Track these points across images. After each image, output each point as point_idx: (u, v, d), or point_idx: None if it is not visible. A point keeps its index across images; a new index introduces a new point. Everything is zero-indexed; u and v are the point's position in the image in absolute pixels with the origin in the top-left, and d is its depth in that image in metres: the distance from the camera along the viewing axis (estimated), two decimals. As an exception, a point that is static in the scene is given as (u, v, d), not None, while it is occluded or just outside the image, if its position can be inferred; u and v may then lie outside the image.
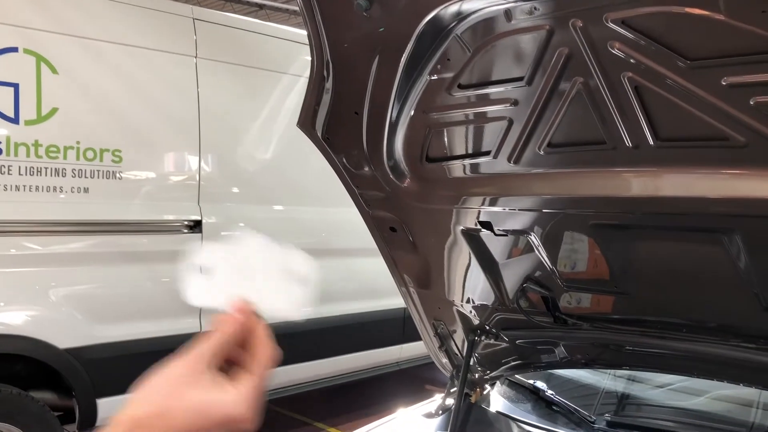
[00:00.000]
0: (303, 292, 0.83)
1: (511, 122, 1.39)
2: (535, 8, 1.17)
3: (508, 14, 1.21)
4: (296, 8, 3.95)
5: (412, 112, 1.51)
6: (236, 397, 0.76)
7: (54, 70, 3.51)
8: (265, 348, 0.80)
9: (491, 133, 1.46)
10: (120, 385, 3.89)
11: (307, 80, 1.57)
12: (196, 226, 4.08)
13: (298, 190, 4.74)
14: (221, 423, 0.76)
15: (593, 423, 1.92)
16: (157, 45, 3.94)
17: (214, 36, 4.22)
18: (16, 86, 3.40)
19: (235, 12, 10.85)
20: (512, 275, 1.79)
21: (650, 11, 1.07)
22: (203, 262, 0.84)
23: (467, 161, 1.56)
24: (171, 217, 4.04)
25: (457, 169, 1.59)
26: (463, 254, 1.82)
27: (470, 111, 1.46)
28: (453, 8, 1.24)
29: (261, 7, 11.78)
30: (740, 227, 1.26)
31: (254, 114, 4.50)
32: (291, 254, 0.84)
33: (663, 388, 2.14)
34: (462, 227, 1.72)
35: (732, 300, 1.44)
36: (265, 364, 0.79)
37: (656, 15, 1.07)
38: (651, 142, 1.24)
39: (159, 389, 0.76)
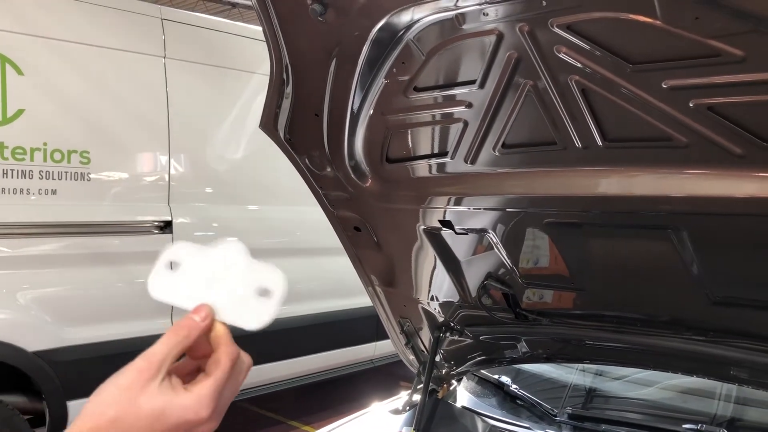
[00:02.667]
0: (266, 305, 0.81)
1: (466, 124, 1.43)
2: (484, 13, 1.20)
3: (459, 19, 1.24)
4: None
5: (371, 113, 1.53)
6: (192, 400, 0.74)
7: (19, 72, 3.48)
8: (225, 350, 0.78)
9: (448, 135, 1.49)
10: (91, 388, 3.88)
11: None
12: (166, 227, 4.06)
13: (270, 190, 4.74)
14: (177, 426, 0.74)
15: (555, 416, 1.96)
16: (125, 45, 3.92)
17: (182, 36, 4.20)
18: (-20, 88, 3.37)
19: (207, 10, 10.79)
20: (474, 273, 1.83)
21: (593, 17, 1.11)
22: (174, 258, 0.83)
23: (425, 162, 1.59)
24: (141, 218, 4.02)
25: (417, 169, 1.62)
26: (426, 253, 1.85)
27: (427, 113, 1.49)
28: (405, 14, 1.26)
29: (234, 5, 11.73)
30: (686, 225, 1.31)
31: (224, 114, 4.50)
32: (261, 265, 0.83)
33: (631, 382, 2.19)
34: (423, 226, 1.74)
35: (682, 295, 1.49)
36: (224, 367, 0.77)
37: (599, 20, 1.11)
38: (599, 143, 1.27)
39: (110, 397, 0.73)
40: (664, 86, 1.12)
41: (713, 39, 1.01)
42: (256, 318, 0.81)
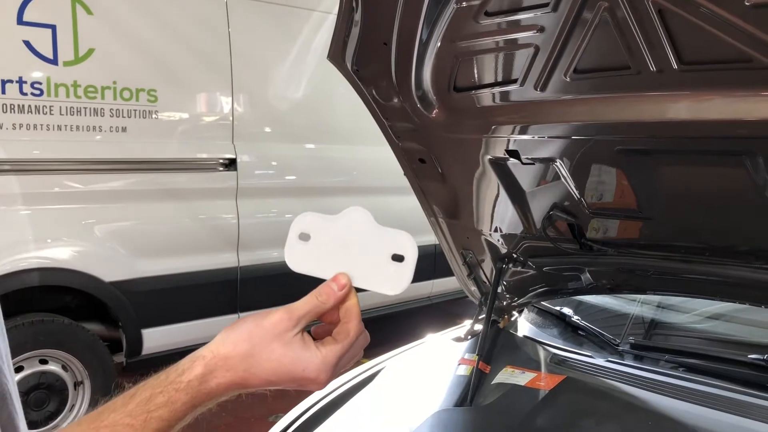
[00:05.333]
0: (400, 271, 0.85)
1: (537, 49, 1.41)
2: (560, -68, 1.18)
3: (533, -61, 1.23)
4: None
5: (440, 42, 1.53)
6: (319, 359, 0.79)
7: (89, 11, 3.58)
8: (355, 324, 0.83)
9: (518, 61, 1.49)
10: (163, 317, 4.10)
11: (336, 17, 1.60)
12: (231, 164, 4.18)
13: (329, 129, 4.80)
14: (297, 379, 0.80)
15: (617, 345, 1.98)
16: (187, -16, 3.97)
17: (243, -26, 4.22)
18: (53, 27, 3.47)
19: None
20: (539, 204, 1.83)
21: (674, -68, 1.08)
22: (303, 230, 0.87)
23: (495, 90, 1.59)
24: (207, 156, 4.14)
25: (485, 98, 1.62)
26: (491, 184, 1.86)
27: (497, 39, 1.48)
28: (479, -66, 1.25)
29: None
30: (762, 149, 1.28)
31: (285, 53, 4.53)
32: (390, 231, 0.86)
33: (694, 314, 2.18)
34: (489, 156, 1.75)
35: (753, 223, 1.47)
36: (351, 339, 0.82)
37: (680, -64, 1.08)
38: (675, 66, 1.25)
39: (249, 333, 0.79)
40: (747, 3, 1.09)
41: (802, -49, 0.98)
42: (394, 284, 0.85)
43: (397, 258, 0.85)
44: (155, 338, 3.94)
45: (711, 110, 1.27)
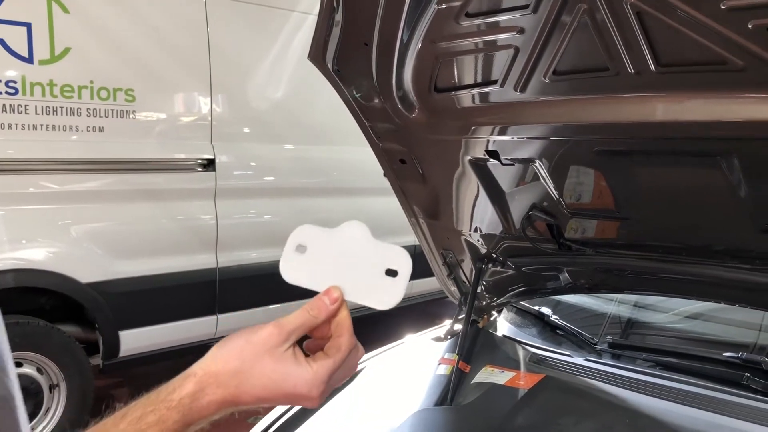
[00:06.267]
0: (393, 286, 0.84)
1: (517, 50, 1.42)
2: (540, -65, 1.19)
3: (513, -59, 1.24)
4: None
5: (421, 43, 1.54)
6: (310, 375, 0.78)
7: (65, 9, 3.53)
8: (346, 339, 0.82)
9: (498, 62, 1.49)
10: (140, 318, 4.06)
11: (316, 18, 1.60)
12: (209, 165, 4.15)
13: (309, 130, 4.78)
14: (289, 396, 0.79)
15: (595, 344, 2.00)
16: (166, -18, 3.93)
17: (222, -27, 4.20)
18: (28, 26, 3.43)
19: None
20: (518, 204, 1.85)
21: (652, -64, 1.09)
22: (300, 241, 0.87)
23: (475, 91, 1.60)
24: (185, 156, 4.11)
25: (465, 98, 1.63)
26: (471, 184, 1.87)
27: (477, 40, 1.49)
28: (460, -64, 1.26)
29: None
30: (737, 150, 1.31)
31: (264, 53, 4.51)
32: (386, 247, 0.86)
33: (670, 314, 2.20)
34: (469, 157, 1.76)
35: (728, 222, 1.49)
36: (343, 354, 0.81)
37: (658, -61, 1.09)
38: (652, 68, 1.27)
39: (240, 350, 0.78)
40: (722, 7, 1.10)
41: (776, -45, 1.00)
42: (386, 299, 0.85)
43: (391, 273, 0.85)
44: (133, 340, 3.90)
45: (687, 112, 1.29)
